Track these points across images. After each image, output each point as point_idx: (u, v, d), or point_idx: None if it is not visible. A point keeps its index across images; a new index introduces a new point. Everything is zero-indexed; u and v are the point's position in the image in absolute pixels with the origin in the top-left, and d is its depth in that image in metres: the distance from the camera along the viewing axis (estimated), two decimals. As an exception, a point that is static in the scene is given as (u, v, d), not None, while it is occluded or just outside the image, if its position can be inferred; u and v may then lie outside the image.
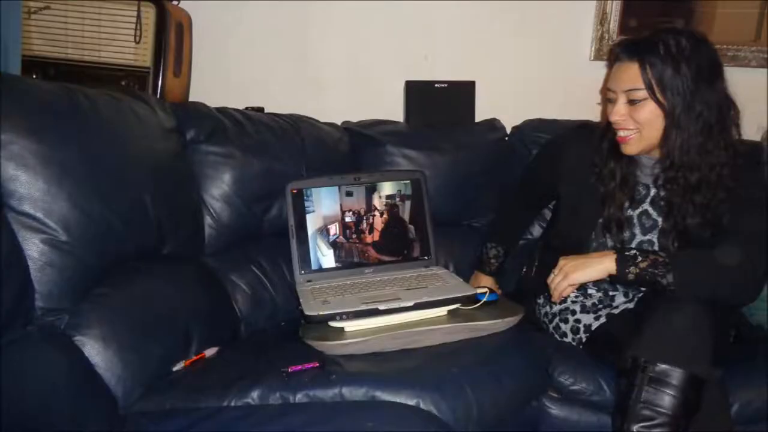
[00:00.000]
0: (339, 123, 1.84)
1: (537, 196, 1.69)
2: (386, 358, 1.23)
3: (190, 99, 1.77)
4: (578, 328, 1.44)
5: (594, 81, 1.87)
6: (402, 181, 1.57)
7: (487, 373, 1.21)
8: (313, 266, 1.48)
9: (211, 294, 1.42)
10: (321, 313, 1.25)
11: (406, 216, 1.56)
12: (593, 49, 2.00)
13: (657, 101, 1.24)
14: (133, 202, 1.24)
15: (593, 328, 1.42)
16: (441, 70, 1.96)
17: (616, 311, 1.42)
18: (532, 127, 1.89)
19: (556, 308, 1.49)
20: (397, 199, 1.56)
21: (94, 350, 1.09)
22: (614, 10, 1.96)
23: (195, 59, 1.77)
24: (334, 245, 1.50)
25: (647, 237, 1.37)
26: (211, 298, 1.42)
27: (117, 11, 1.56)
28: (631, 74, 1.25)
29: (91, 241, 1.13)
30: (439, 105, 1.88)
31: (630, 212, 1.39)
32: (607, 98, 1.34)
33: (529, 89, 2.03)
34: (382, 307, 1.27)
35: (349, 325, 1.28)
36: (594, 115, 1.84)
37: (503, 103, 1.97)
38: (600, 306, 1.44)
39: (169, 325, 1.24)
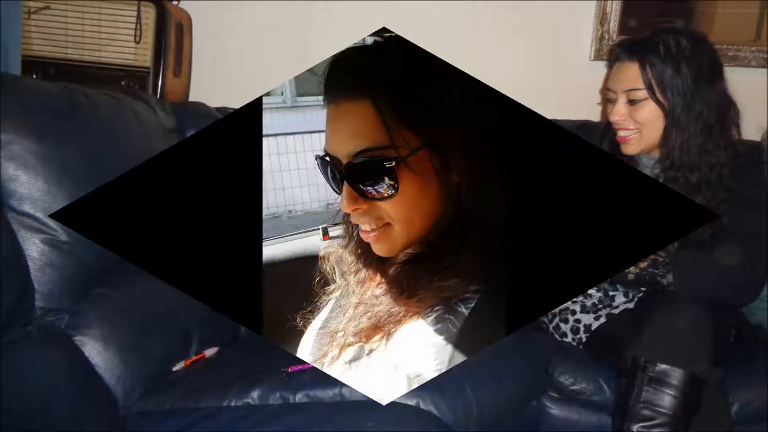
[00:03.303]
0: (339, 123, 1.84)
1: (537, 196, 1.68)
2: (386, 358, 1.23)
3: (190, 99, 1.77)
4: (578, 328, 1.44)
5: (594, 81, 1.86)
6: (402, 181, 1.57)
7: (487, 373, 1.20)
8: (313, 266, 1.47)
9: (211, 294, 1.42)
10: (321, 313, 1.25)
11: (406, 216, 1.55)
12: (593, 49, 2.00)
13: (657, 101, 1.24)
14: (133, 202, 1.24)
15: (593, 328, 1.42)
16: (441, 70, 1.96)
17: (616, 311, 1.41)
18: (533, 127, 1.88)
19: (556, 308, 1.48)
20: (397, 199, 1.55)
21: (94, 350, 1.08)
22: (614, 10, 1.96)
23: (195, 59, 1.77)
24: (334, 245, 1.50)
25: (647, 237, 1.37)
26: (211, 298, 1.41)
27: (117, 11, 1.56)
28: (631, 74, 1.25)
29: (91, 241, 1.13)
30: (439, 105, 1.88)
31: (630, 212, 1.39)
32: (607, 98, 1.34)
33: (529, 89, 2.02)
34: (382, 307, 1.27)
35: (349, 325, 1.28)
36: (594, 115, 1.83)
37: (503, 103, 1.97)
38: (600, 306, 1.44)
39: (169, 325, 1.24)
